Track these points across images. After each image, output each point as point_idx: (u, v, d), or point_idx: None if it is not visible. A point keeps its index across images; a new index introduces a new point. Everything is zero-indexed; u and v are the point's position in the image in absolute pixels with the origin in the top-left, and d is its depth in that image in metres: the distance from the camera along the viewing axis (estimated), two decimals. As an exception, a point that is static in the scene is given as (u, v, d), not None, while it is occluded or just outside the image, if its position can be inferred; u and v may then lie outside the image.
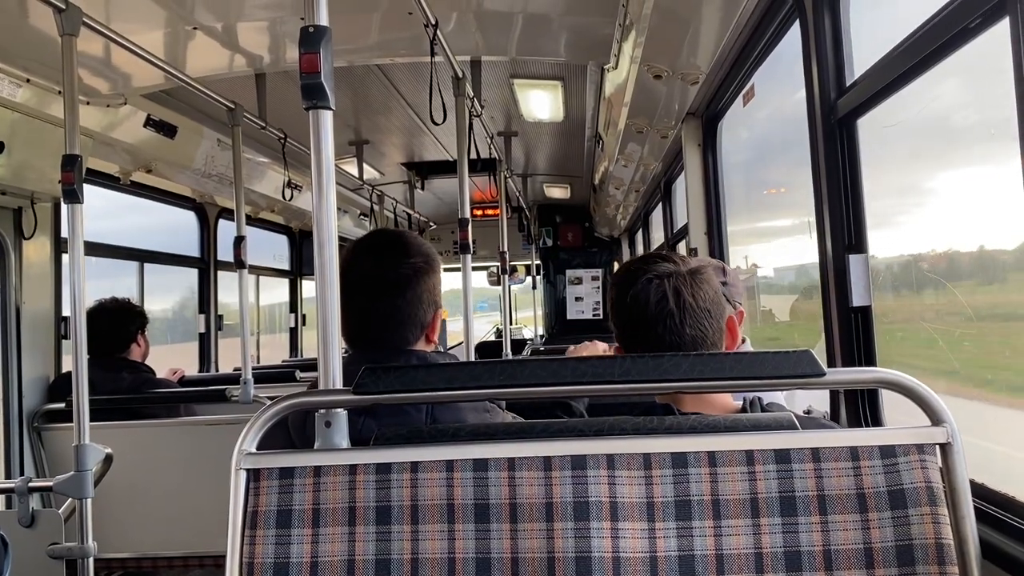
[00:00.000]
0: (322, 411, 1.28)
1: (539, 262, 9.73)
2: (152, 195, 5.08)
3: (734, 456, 1.15)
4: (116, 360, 3.82)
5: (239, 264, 3.94)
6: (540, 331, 10.09)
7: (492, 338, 9.59)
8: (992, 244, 1.89)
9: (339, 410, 1.28)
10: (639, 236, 7.95)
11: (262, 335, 7.40)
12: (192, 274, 5.71)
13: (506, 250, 5.43)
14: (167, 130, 4.13)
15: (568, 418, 1.83)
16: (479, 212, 8.97)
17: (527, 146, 6.57)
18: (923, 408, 1.15)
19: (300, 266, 7.62)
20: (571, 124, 5.57)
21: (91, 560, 2.47)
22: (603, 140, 4.91)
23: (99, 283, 4.61)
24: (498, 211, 5.53)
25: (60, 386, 3.68)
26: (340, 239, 1.40)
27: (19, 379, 3.59)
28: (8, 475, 3.52)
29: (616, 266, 9.45)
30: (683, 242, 4.30)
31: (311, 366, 4.93)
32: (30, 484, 2.46)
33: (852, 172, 2.05)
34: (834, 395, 2.20)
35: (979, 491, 1.45)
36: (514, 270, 9.24)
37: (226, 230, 5.72)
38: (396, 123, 5.68)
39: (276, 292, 7.57)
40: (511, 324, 7.80)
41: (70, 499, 2.48)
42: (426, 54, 2.96)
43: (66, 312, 3.75)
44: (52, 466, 3.63)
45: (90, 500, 2.47)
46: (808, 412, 2.07)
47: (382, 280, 1.63)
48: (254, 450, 1.22)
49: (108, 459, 2.55)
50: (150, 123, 3.97)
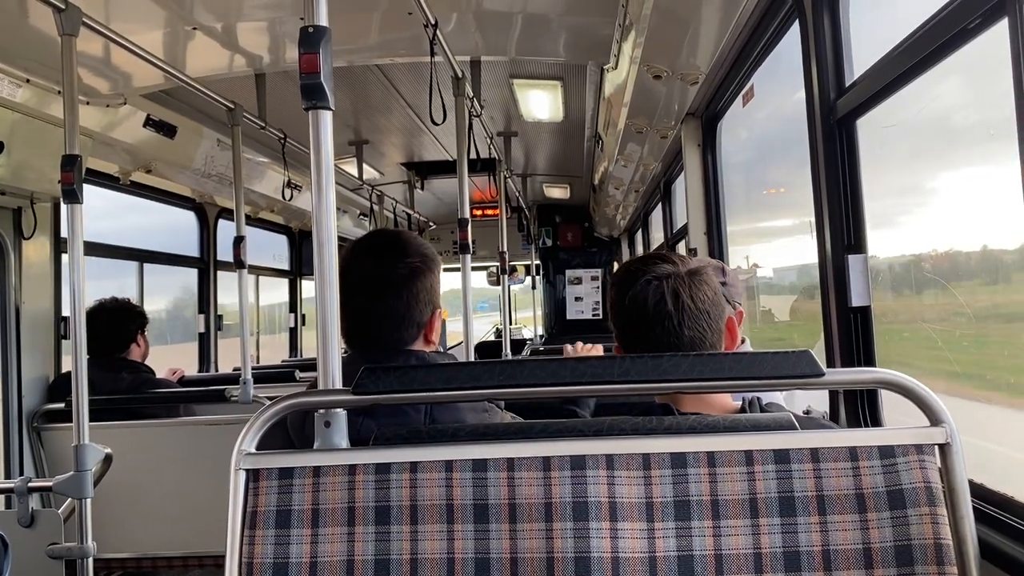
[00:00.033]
0: (321, 411, 1.28)
1: (539, 262, 9.72)
2: (152, 195, 5.08)
3: (733, 456, 1.15)
4: (116, 360, 3.82)
5: (239, 264, 3.94)
6: (540, 331, 10.08)
7: (492, 338, 9.59)
8: (992, 244, 1.89)
9: (338, 410, 1.28)
10: (639, 236, 7.94)
11: (262, 335, 7.40)
12: (191, 274, 5.71)
13: (505, 250, 5.43)
14: (167, 130, 4.12)
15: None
16: (479, 212, 8.97)
17: (527, 146, 6.57)
18: (922, 408, 1.15)
19: (300, 266, 7.62)
20: (571, 124, 5.57)
21: (90, 560, 2.47)
22: (603, 140, 4.91)
23: (99, 283, 4.61)
24: (498, 211, 5.53)
25: (60, 386, 3.68)
26: (340, 239, 1.40)
27: (19, 379, 3.59)
28: (8, 475, 3.52)
29: (616, 266, 9.45)
30: (683, 242, 4.30)
31: (311, 366, 4.93)
32: (30, 484, 2.46)
33: (851, 172, 2.05)
34: (833, 395, 2.21)
35: (978, 491, 1.45)
36: (514, 270, 9.24)
37: (226, 230, 5.72)
38: (396, 123, 5.68)
39: (276, 292, 7.57)
40: (511, 324, 7.80)
41: (69, 499, 2.48)
42: (426, 54, 2.96)
43: (66, 312, 3.75)
44: (52, 466, 3.63)
45: (89, 500, 2.47)
46: (807, 412, 2.08)
47: (380, 280, 1.63)
48: (253, 450, 1.22)
49: (108, 459, 2.55)
50: (150, 123, 3.97)
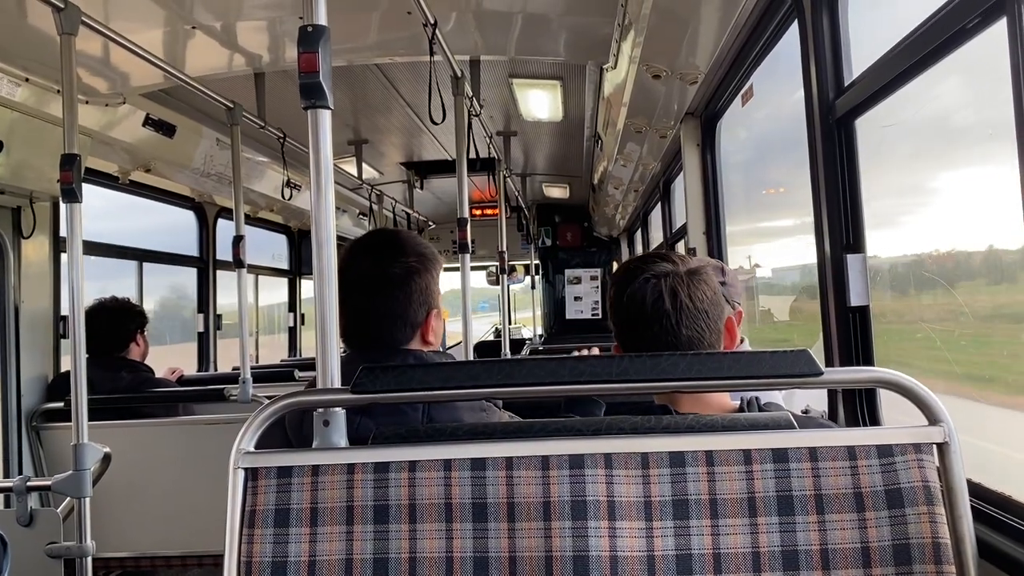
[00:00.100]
0: (320, 410, 1.28)
1: (538, 262, 9.72)
2: (151, 194, 5.07)
3: (732, 455, 1.15)
4: (115, 359, 3.82)
5: (238, 263, 3.94)
6: (539, 331, 10.09)
7: (491, 338, 9.59)
8: (992, 245, 1.89)
9: (337, 409, 1.28)
10: (638, 236, 7.94)
11: (261, 335, 7.40)
12: (191, 273, 5.70)
13: (505, 250, 5.42)
14: (166, 129, 4.12)
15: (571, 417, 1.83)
16: (478, 212, 8.97)
17: (526, 146, 6.57)
18: (920, 408, 1.15)
19: (299, 266, 7.61)
20: (570, 124, 5.57)
21: (89, 559, 2.47)
22: (602, 140, 4.91)
23: (99, 283, 4.61)
24: (497, 211, 5.53)
25: (59, 385, 3.68)
26: (339, 239, 1.40)
27: (18, 378, 3.59)
28: (7, 474, 3.52)
29: (615, 266, 9.46)
30: (682, 242, 4.30)
31: (310, 365, 4.92)
32: (28, 483, 2.46)
33: (850, 172, 2.05)
34: (832, 395, 2.21)
35: (976, 490, 1.45)
36: (513, 270, 9.24)
37: (225, 229, 5.72)
38: (395, 122, 5.68)
39: (275, 292, 7.57)
40: (510, 324, 7.80)
41: (68, 498, 2.48)
42: (425, 53, 2.96)
43: (65, 311, 3.75)
44: (51, 465, 3.63)
45: (88, 499, 2.47)
46: (806, 412, 2.08)
47: (378, 279, 1.63)
48: (252, 449, 1.22)
49: (107, 458, 2.55)
50: (149, 122, 3.97)
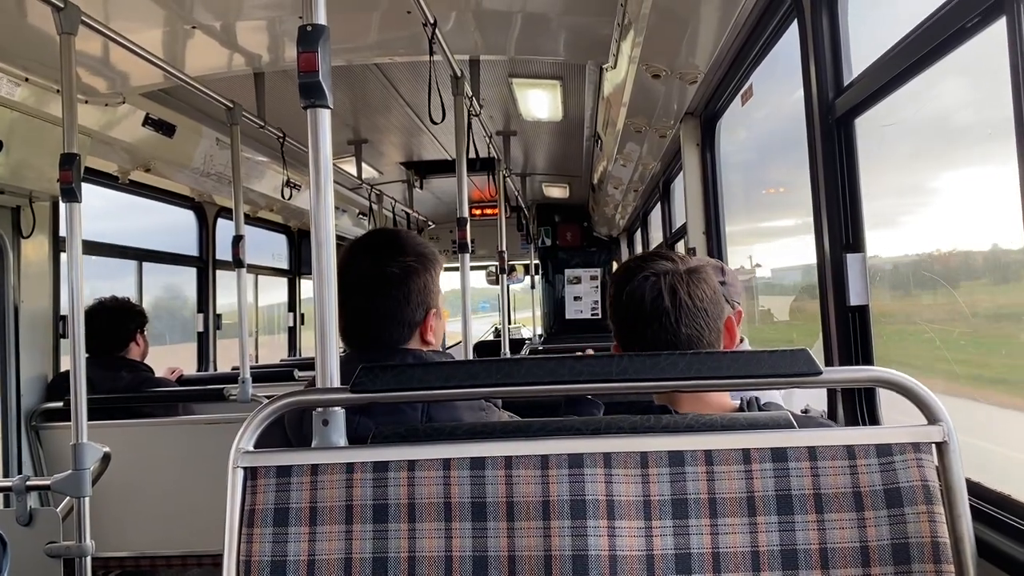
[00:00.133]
0: (319, 410, 1.28)
1: (538, 261, 9.72)
2: (151, 194, 5.07)
3: (731, 455, 1.15)
4: (115, 359, 3.82)
5: (237, 263, 3.94)
6: (539, 331, 10.09)
7: (491, 338, 9.59)
8: (992, 245, 1.89)
9: (336, 408, 1.28)
10: (638, 236, 7.94)
11: (261, 334, 7.40)
12: (190, 273, 5.70)
13: (505, 249, 5.43)
14: (166, 129, 4.12)
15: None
16: (478, 211, 8.97)
17: (526, 145, 6.57)
18: (919, 407, 1.15)
19: (299, 265, 7.61)
20: (570, 124, 5.57)
21: (89, 559, 2.47)
22: (602, 140, 4.91)
23: (98, 283, 4.61)
24: (497, 210, 5.53)
25: (58, 385, 3.68)
26: (339, 238, 1.40)
27: (17, 378, 3.59)
28: (6, 473, 3.52)
29: (615, 266, 9.46)
30: (681, 242, 4.30)
31: (309, 365, 4.91)
32: (28, 483, 2.46)
33: (850, 171, 2.05)
34: (831, 394, 2.21)
35: (975, 490, 1.45)
36: (512, 269, 9.24)
37: (225, 229, 5.72)
38: (395, 122, 5.68)
39: (275, 291, 7.57)
40: (510, 324, 7.80)
41: (68, 498, 2.48)
42: (425, 53, 2.96)
43: (64, 311, 3.75)
44: (50, 465, 3.63)
45: (88, 499, 2.47)
46: (806, 411, 2.08)
47: (376, 279, 1.64)
48: (251, 449, 1.22)
49: (106, 458, 2.55)
50: (149, 122, 3.97)
